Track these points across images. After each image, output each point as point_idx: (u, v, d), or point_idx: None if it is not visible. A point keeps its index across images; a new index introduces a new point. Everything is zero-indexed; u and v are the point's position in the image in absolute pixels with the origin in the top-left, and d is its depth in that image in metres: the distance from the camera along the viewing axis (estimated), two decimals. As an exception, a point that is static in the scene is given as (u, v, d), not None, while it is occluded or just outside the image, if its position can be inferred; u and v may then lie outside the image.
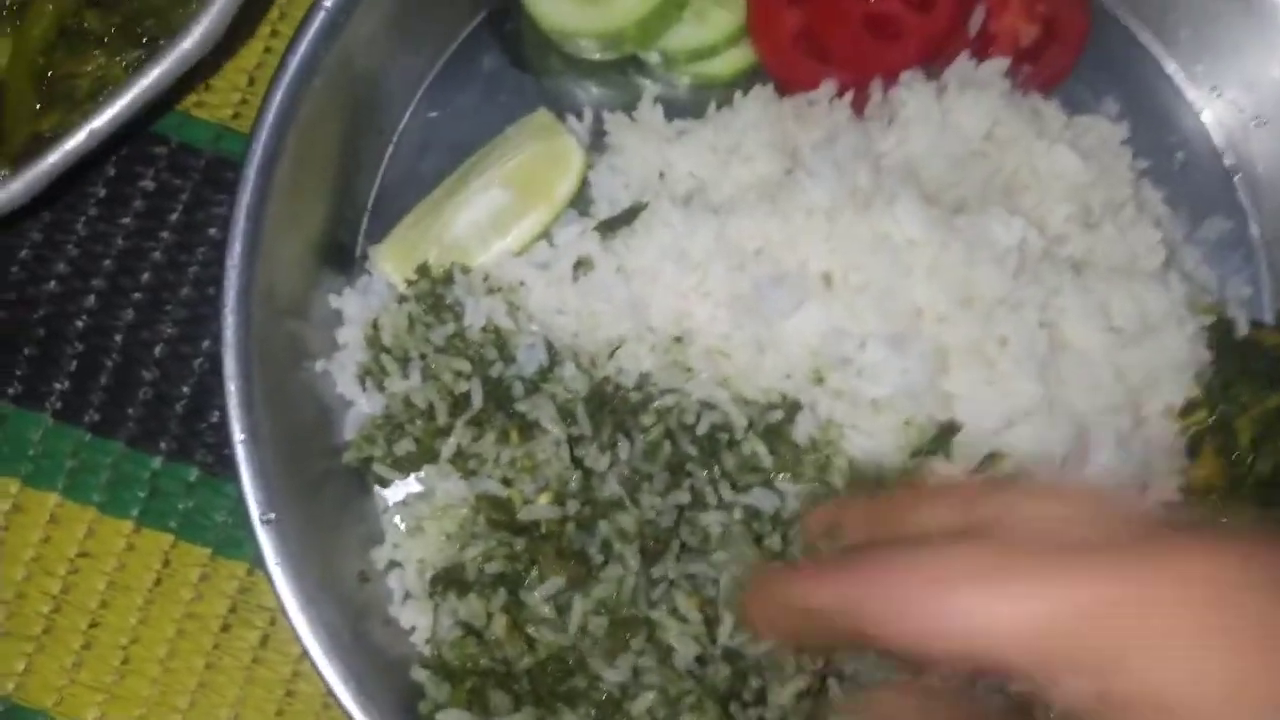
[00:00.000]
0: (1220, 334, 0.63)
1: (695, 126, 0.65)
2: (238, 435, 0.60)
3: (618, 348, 0.62)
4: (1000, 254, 0.58)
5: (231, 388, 0.60)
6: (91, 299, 0.68)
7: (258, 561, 0.64)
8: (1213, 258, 0.68)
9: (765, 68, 0.67)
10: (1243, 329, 0.64)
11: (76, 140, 0.52)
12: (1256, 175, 0.70)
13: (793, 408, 0.60)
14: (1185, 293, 0.62)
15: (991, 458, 0.59)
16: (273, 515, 0.59)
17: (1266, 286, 0.69)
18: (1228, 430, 0.61)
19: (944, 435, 0.59)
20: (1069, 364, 0.59)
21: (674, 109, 0.67)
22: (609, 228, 0.63)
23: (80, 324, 0.68)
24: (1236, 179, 0.70)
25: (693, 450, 0.60)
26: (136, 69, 0.54)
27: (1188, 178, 0.70)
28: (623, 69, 0.69)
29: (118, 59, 0.60)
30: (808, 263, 0.60)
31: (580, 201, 0.66)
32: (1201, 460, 0.62)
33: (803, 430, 0.60)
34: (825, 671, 0.60)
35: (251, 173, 0.60)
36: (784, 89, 0.66)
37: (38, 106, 0.60)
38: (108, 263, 0.68)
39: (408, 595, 0.63)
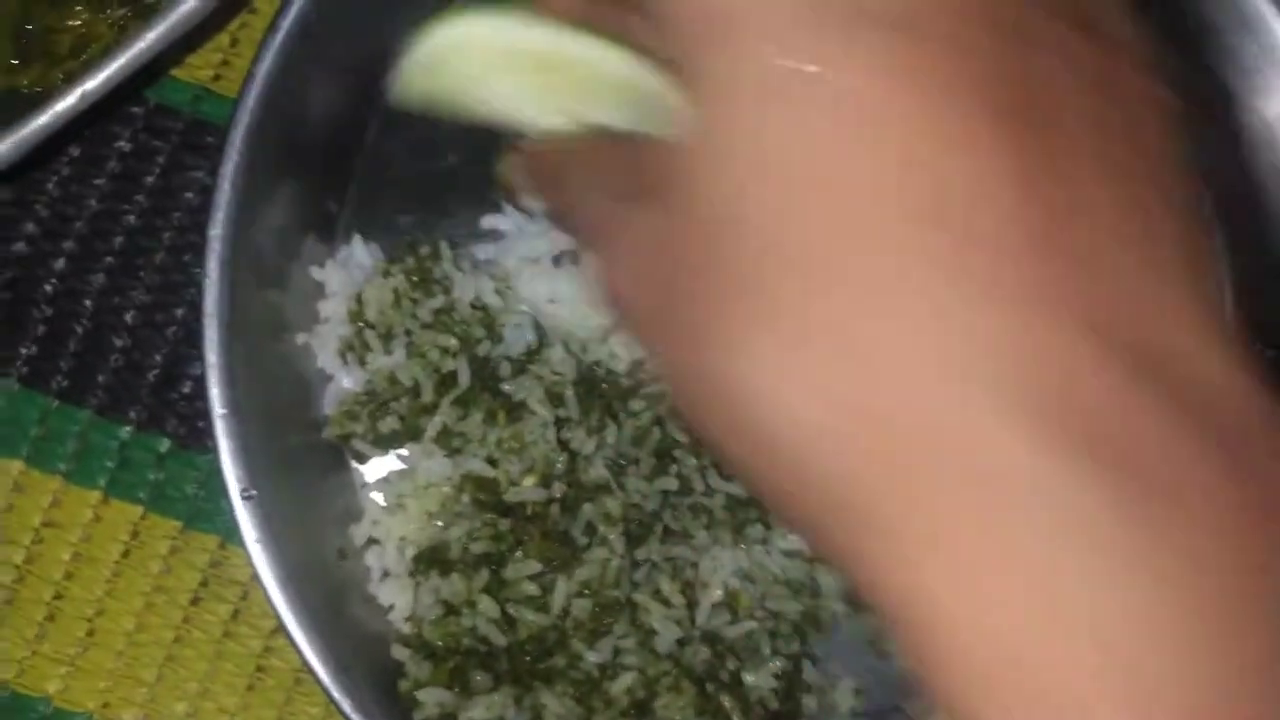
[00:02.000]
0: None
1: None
2: (218, 410, 0.58)
3: (609, 334, 0.62)
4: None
5: (212, 361, 0.58)
6: (62, 262, 0.66)
7: (232, 536, 0.64)
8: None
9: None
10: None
11: (67, 102, 0.50)
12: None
13: (784, 398, 0.61)
14: None
15: None
16: (254, 491, 0.58)
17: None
18: None
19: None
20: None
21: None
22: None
23: (49, 288, 0.66)
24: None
25: (681, 438, 0.61)
26: (131, 29, 0.52)
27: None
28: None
29: (102, 15, 0.58)
30: (803, 255, 0.60)
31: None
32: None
33: (795, 421, 0.60)
34: (800, 654, 0.62)
35: (237, 139, 0.59)
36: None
37: (14, 61, 0.58)
38: (79, 225, 0.66)
39: (386, 573, 0.62)
